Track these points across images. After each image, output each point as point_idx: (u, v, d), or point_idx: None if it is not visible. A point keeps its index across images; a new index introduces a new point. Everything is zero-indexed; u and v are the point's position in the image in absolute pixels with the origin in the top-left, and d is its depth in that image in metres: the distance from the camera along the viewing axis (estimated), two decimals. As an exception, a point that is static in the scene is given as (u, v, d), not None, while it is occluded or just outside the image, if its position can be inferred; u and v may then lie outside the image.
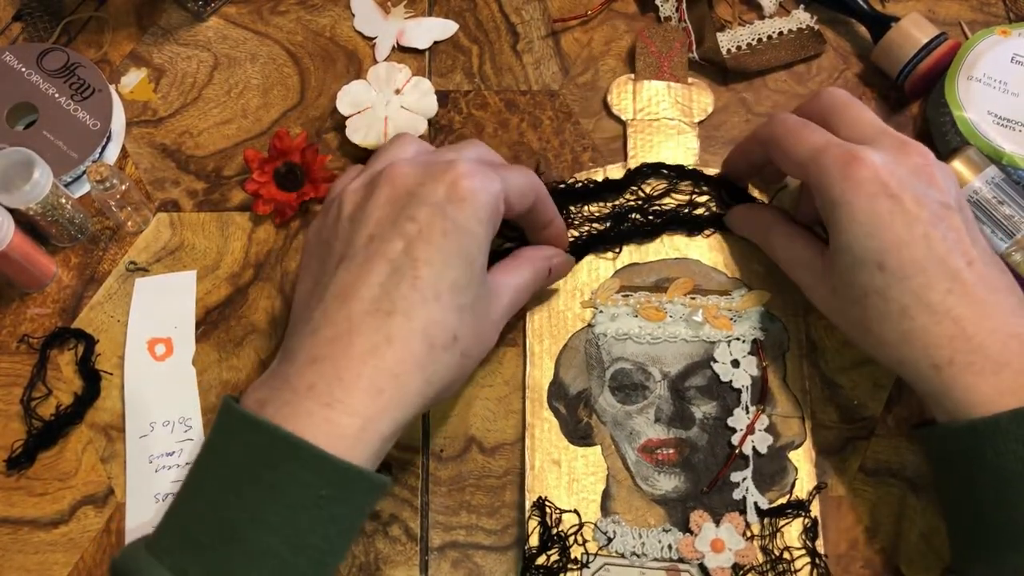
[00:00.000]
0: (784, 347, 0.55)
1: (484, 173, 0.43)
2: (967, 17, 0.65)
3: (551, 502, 0.51)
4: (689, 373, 0.54)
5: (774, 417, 0.53)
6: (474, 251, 0.42)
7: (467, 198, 0.42)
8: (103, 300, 0.58)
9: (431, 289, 0.41)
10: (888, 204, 0.43)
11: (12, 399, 0.55)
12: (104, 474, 0.54)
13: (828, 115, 0.49)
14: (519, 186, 0.46)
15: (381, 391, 0.40)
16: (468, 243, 0.42)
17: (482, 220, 0.42)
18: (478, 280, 0.43)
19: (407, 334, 0.40)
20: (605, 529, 0.51)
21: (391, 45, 0.65)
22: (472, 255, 0.42)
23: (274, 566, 0.38)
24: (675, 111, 0.61)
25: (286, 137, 0.58)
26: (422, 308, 0.41)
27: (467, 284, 0.42)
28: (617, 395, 0.54)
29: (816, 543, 0.50)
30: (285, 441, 0.38)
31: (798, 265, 0.51)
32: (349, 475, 0.39)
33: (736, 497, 0.51)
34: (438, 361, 0.41)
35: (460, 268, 0.42)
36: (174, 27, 0.66)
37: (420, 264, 0.41)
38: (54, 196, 0.55)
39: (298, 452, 0.38)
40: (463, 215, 0.42)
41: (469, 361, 0.44)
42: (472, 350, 0.43)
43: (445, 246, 0.41)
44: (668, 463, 0.52)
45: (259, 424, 0.39)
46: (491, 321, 0.45)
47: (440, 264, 0.41)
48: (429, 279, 0.41)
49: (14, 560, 0.52)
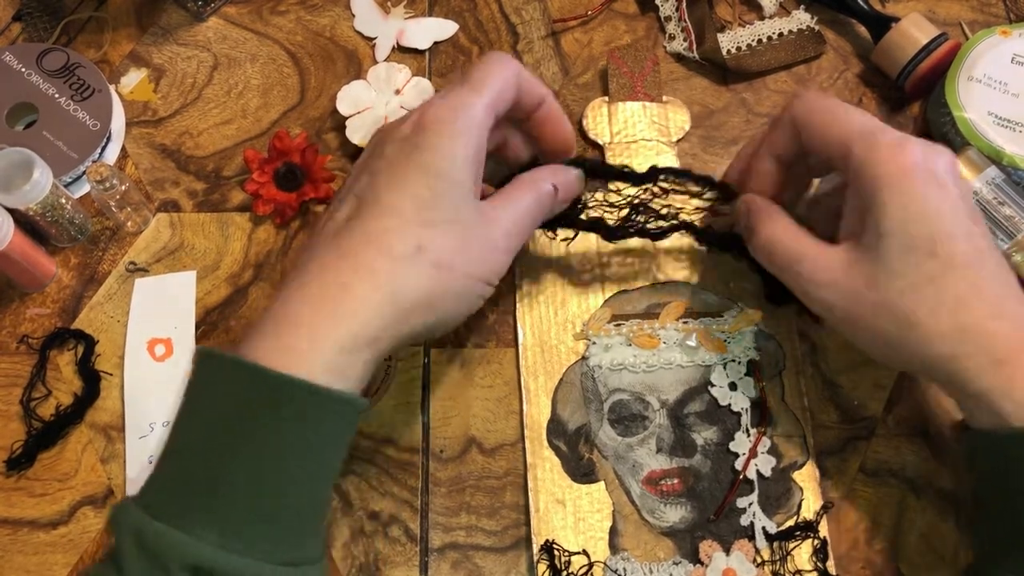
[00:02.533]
0: (780, 365, 0.54)
1: (453, 97, 0.43)
2: (967, 17, 0.65)
3: (559, 545, 0.51)
4: (687, 399, 0.54)
5: (776, 438, 0.53)
6: (443, 166, 0.41)
7: (430, 126, 0.42)
8: (103, 300, 0.58)
9: (389, 206, 0.41)
10: (938, 193, 0.41)
11: (12, 399, 0.55)
12: (104, 475, 0.54)
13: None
14: (499, 89, 0.44)
15: (326, 299, 0.39)
16: (433, 159, 0.41)
17: (451, 136, 0.41)
18: (455, 196, 0.42)
19: (358, 245, 0.40)
20: (615, 568, 0.50)
21: (391, 45, 0.65)
22: (441, 169, 0.41)
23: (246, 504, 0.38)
24: (652, 131, 0.60)
25: (286, 137, 0.58)
26: (376, 222, 0.41)
27: (436, 199, 0.41)
28: (616, 428, 0.53)
29: (827, 564, 0.50)
30: (231, 362, 0.38)
31: (807, 259, 0.45)
32: (292, 386, 0.37)
33: (744, 523, 0.51)
34: (399, 271, 0.40)
35: (423, 183, 0.41)
36: (174, 27, 0.66)
37: (380, 187, 0.41)
38: (54, 196, 0.55)
39: (237, 369, 0.38)
40: (426, 138, 0.41)
41: (454, 276, 0.42)
42: (457, 265, 0.42)
43: (406, 165, 0.41)
44: (673, 494, 0.52)
45: (209, 353, 0.40)
46: (488, 242, 0.43)
47: (400, 181, 0.41)
48: (387, 197, 0.41)
49: (14, 560, 0.52)
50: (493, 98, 0.43)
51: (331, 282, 0.39)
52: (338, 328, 0.39)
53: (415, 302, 0.40)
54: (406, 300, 0.40)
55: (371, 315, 0.39)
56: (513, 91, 0.45)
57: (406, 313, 0.40)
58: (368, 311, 0.39)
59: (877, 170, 0.42)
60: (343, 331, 0.39)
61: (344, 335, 0.39)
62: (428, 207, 0.41)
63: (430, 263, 0.41)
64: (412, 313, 0.41)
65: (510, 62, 0.46)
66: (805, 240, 0.46)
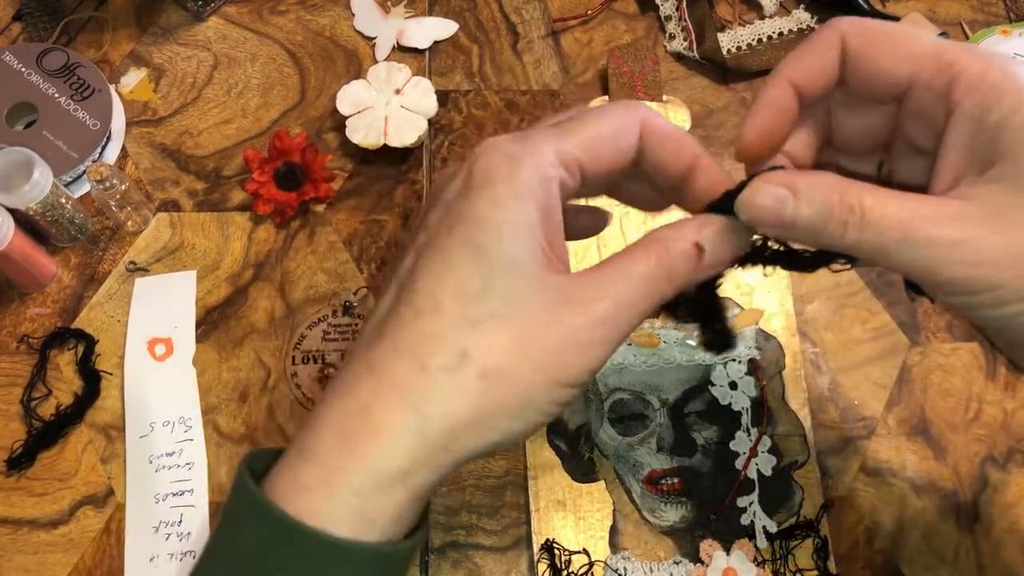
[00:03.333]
0: (780, 365, 0.54)
1: (513, 142, 0.33)
2: (968, 17, 0.65)
3: (559, 544, 0.51)
4: (687, 399, 0.54)
5: (776, 437, 0.53)
6: (491, 241, 0.31)
7: (477, 184, 0.32)
8: (103, 300, 0.58)
9: (428, 300, 0.32)
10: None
11: (12, 399, 0.55)
12: (104, 474, 0.54)
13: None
14: (593, 135, 0.33)
15: (344, 429, 0.32)
16: (478, 233, 0.32)
17: (503, 200, 0.31)
18: (511, 280, 0.32)
19: (387, 356, 0.32)
20: (616, 567, 0.50)
21: (391, 45, 0.65)
22: (488, 246, 0.31)
23: None
24: None
25: (286, 137, 0.58)
26: (412, 325, 0.32)
27: (485, 287, 0.31)
28: (617, 427, 0.53)
29: (827, 563, 0.50)
30: (250, 498, 0.33)
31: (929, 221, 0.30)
32: (303, 537, 0.31)
33: (744, 522, 0.51)
34: (434, 388, 0.31)
35: (469, 266, 0.32)
36: (174, 27, 0.66)
37: (419, 273, 0.33)
38: (54, 196, 0.55)
39: (256, 507, 0.32)
40: (470, 204, 0.32)
41: (512, 386, 0.32)
42: (515, 371, 0.31)
43: (447, 242, 0.32)
44: (673, 493, 0.52)
45: (240, 478, 0.34)
46: (568, 334, 0.32)
47: (440, 267, 0.32)
48: (425, 289, 0.32)
49: (14, 560, 0.52)
50: (575, 147, 0.33)
51: (351, 407, 0.32)
52: (355, 466, 0.31)
53: (457, 424, 0.32)
54: (444, 424, 0.32)
55: (396, 446, 0.31)
56: (618, 145, 0.34)
57: (446, 439, 0.32)
58: (392, 442, 0.31)
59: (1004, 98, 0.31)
60: (362, 469, 0.31)
61: (363, 474, 0.31)
62: (475, 299, 0.32)
63: (476, 374, 0.31)
64: (455, 438, 0.32)
65: (626, 110, 0.34)
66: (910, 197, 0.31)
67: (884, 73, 0.33)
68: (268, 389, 0.56)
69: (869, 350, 0.56)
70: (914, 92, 0.33)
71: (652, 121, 0.34)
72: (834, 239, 0.31)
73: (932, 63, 0.32)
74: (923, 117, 0.33)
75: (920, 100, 0.33)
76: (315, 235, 0.59)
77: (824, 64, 0.34)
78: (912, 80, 0.32)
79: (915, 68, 0.32)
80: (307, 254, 0.59)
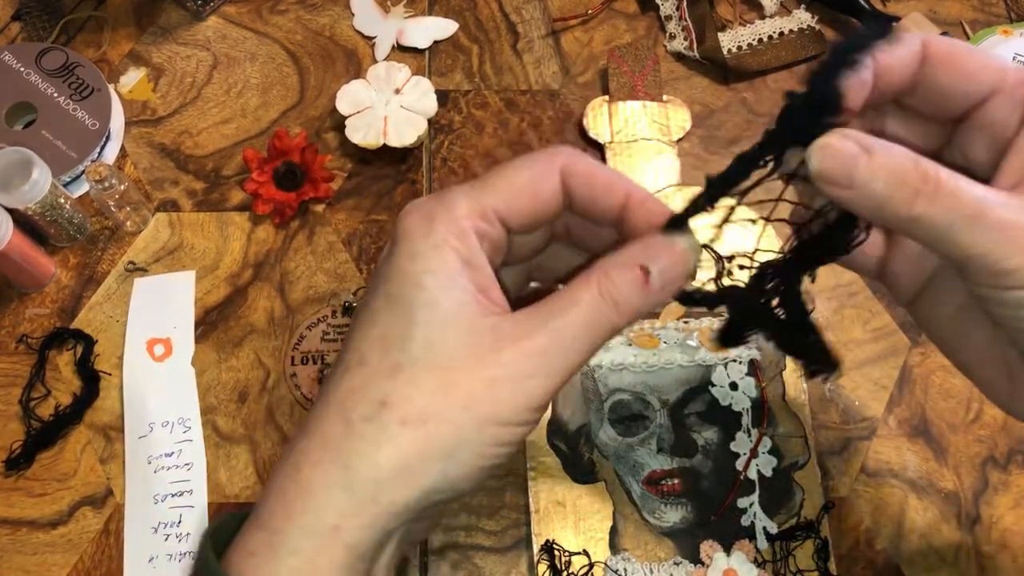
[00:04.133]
0: (781, 365, 0.54)
1: (429, 201, 0.33)
2: (968, 17, 0.65)
3: (559, 545, 0.51)
4: (688, 399, 0.53)
5: (776, 438, 0.53)
6: (411, 291, 0.31)
7: (399, 242, 0.32)
8: (102, 300, 0.58)
9: (354, 355, 0.32)
10: None
11: (11, 399, 0.55)
12: (103, 475, 0.54)
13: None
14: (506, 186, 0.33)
15: (282, 490, 0.32)
16: (398, 287, 0.32)
17: (419, 254, 0.32)
18: (432, 326, 0.31)
19: (319, 414, 0.32)
20: (616, 568, 0.50)
21: (391, 44, 0.65)
22: (407, 298, 0.32)
23: None
24: (652, 131, 0.60)
25: (285, 137, 0.58)
26: (340, 381, 0.32)
27: (406, 334, 0.31)
28: (617, 427, 0.53)
29: (828, 564, 0.50)
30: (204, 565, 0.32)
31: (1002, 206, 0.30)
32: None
33: (744, 523, 0.51)
34: (357, 437, 0.31)
35: (391, 318, 0.32)
36: (173, 26, 0.66)
37: (350, 334, 0.33)
38: (53, 196, 0.55)
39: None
40: (393, 261, 0.32)
41: (436, 431, 0.31)
42: (437, 414, 0.31)
43: (373, 302, 0.33)
44: (673, 494, 0.52)
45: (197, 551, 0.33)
46: (496, 371, 0.31)
47: (366, 324, 0.32)
48: (353, 346, 0.32)
49: (13, 561, 0.52)
50: (491, 198, 0.33)
51: (286, 468, 0.32)
52: (289, 527, 0.31)
53: (381, 475, 0.31)
54: (369, 475, 0.31)
55: (323, 502, 0.31)
56: (535, 192, 0.33)
57: (372, 490, 0.31)
58: (319, 498, 0.31)
59: None
60: (295, 529, 0.31)
61: (296, 535, 0.31)
62: (396, 347, 0.31)
63: (397, 420, 0.31)
64: (381, 489, 0.31)
65: (546, 157, 0.34)
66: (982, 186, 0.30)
67: (970, 79, 0.33)
68: (267, 389, 0.55)
69: (870, 351, 0.56)
70: (992, 101, 0.33)
71: (575, 166, 0.33)
72: (900, 209, 0.29)
73: (1015, 75, 0.33)
74: (993, 127, 0.33)
75: (997, 110, 0.33)
76: (314, 235, 0.59)
77: (908, 59, 0.33)
78: (995, 88, 0.33)
79: (999, 77, 0.33)
80: (306, 254, 0.59)
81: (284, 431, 0.54)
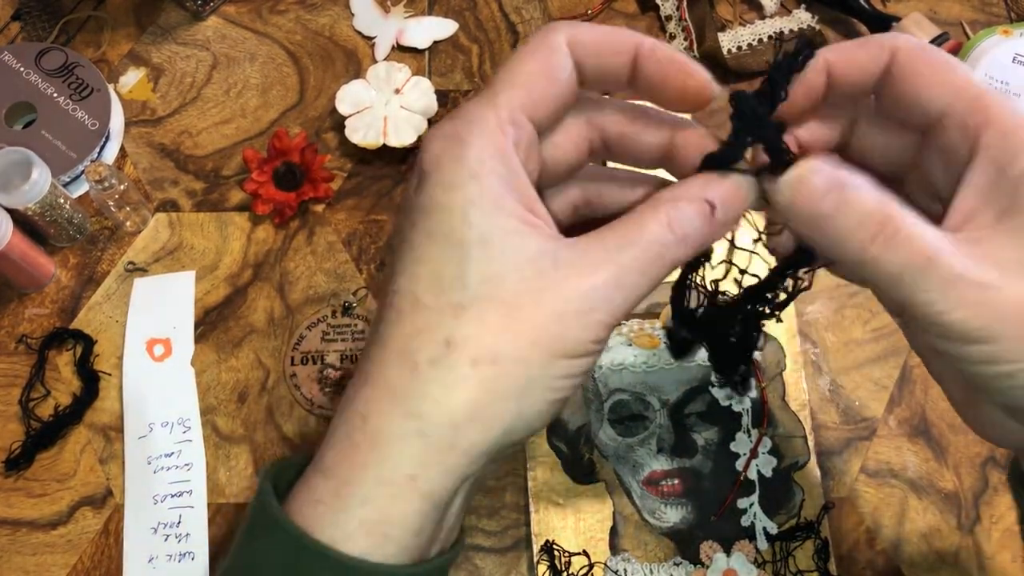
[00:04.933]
0: (781, 365, 0.54)
1: (451, 122, 0.31)
2: (968, 17, 0.65)
3: (559, 545, 0.51)
4: (688, 400, 0.53)
5: (776, 438, 0.53)
6: (457, 225, 0.30)
7: (429, 173, 0.31)
8: (102, 300, 0.58)
9: (406, 298, 0.31)
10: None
11: (11, 400, 0.55)
12: (103, 475, 0.54)
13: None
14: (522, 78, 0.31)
15: (347, 439, 0.31)
16: (439, 222, 0.30)
17: (458, 182, 0.30)
18: (486, 261, 0.30)
19: (380, 362, 0.31)
20: (616, 568, 0.50)
21: (391, 45, 0.65)
22: (456, 232, 0.30)
23: None
24: None
25: (285, 137, 0.58)
26: (397, 326, 0.31)
27: (461, 272, 0.30)
28: (617, 428, 0.53)
29: (828, 564, 0.50)
30: (265, 510, 0.32)
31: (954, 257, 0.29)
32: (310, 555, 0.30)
33: (744, 524, 0.51)
34: (426, 384, 0.30)
35: (440, 257, 0.30)
36: (173, 26, 0.66)
37: (395, 277, 0.32)
38: (52, 196, 0.55)
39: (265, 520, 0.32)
40: (428, 195, 0.31)
41: (505, 369, 0.30)
42: (507, 351, 0.30)
43: (415, 241, 0.31)
44: (674, 494, 0.52)
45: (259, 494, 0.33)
46: (561, 305, 0.30)
47: (412, 264, 0.31)
48: (402, 288, 0.31)
49: (12, 561, 0.52)
50: (512, 99, 0.31)
51: (351, 418, 0.31)
52: (361, 477, 0.30)
53: (457, 418, 0.30)
54: (443, 420, 0.30)
55: (397, 452, 0.30)
56: (556, 78, 0.32)
57: (449, 436, 0.30)
58: (393, 448, 0.30)
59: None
60: (368, 480, 0.30)
61: (369, 485, 0.30)
62: (452, 286, 0.30)
63: (467, 361, 0.30)
64: (458, 433, 0.30)
65: (544, 35, 0.32)
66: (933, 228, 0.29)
67: (922, 94, 0.32)
68: (267, 390, 0.55)
69: (870, 351, 0.56)
70: (945, 123, 0.32)
71: (578, 36, 0.32)
72: (855, 249, 0.29)
73: (970, 100, 0.31)
74: (946, 152, 0.32)
75: (948, 134, 0.31)
76: (314, 235, 0.59)
77: (868, 62, 0.32)
78: (946, 110, 0.31)
79: (952, 99, 0.31)
80: (306, 254, 0.59)
81: (284, 431, 0.54)
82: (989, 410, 0.33)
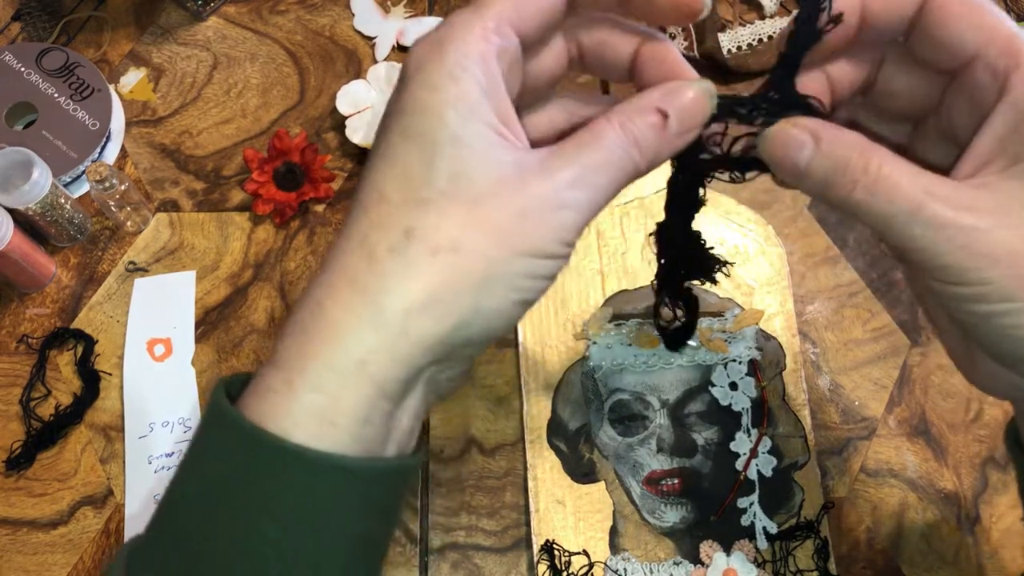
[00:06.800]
0: (781, 365, 0.54)
1: (437, 29, 0.32)
2: (968, 17, 0.65)
3: (559, 545, 0.51)
4: (687, 399, 0.53)
5: (776, 438, 0.53)
6: (431, 126, 0.30)
7: (412, 75, 0.31)
8: (102, 300, 0.58)
9: (373, 192, 0.31)
10: None
11: (11, 399, 0.55)
12: (103, 475, 0.54)
13: None
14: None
15: (302, 326, 0.31)
16: (416, 121, 0.31)
17: (436, 83, 0.30)
18: (457, 159, 0.30)
19: (340, 251, 0.31)
20: (616, 568, 0.50)
21: (391, 45, 0.65)
22: (427, 131, 0.30)
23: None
24: None
25: (286, 137, 0.58)
26: (362, 218, 0.31)
27: (429, 170, 0.30)
28: (617, 427, 0.53)
29: (828, 564, 0.50)
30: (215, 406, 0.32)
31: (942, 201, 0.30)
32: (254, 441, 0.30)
33: (744, 523, 0.51)
34: (384, 270, 0.30)
35: (412, 154, 0.31)
36: (173, 27, 0.66)
37: (369, 171, 0.32)
38: (53, 196, 0.55)
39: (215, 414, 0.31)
40: (408, 94, 0.31)
41: (467, 259, 0.30)
42: (470, 242, 0.30)
43: (390, 136, 0.31)
44: (673, 494, 0.52)
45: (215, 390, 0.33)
46: (530, 202, 0.30)
47: (383, 161, 0.31)
48: (372, 185, 0.31)
49: (13, 561, 0.52)
50: (505, 16, 0.31)
51: (308, 306, 0.31)
52: (312, 364, 0.30)
53: (411, 305, 0.30)
54: (397, 307, 0.30)
55: (349, 337, 0.30)
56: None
57: (401, 322, 0.30)
58: (345, 333, 0.30)
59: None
60: (318, 367, 0.30)
61: (319, 369, 0.30)
62: (419, 182, 0.31)
63: (426, 251, 0.30)
64: (411, 320, 0.30)
65: None
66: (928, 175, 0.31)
67: (955, 35, 0.32)
68: (268, 389, 0.55)
69: (870, 350, 0.56)
70: (975, 66, 0.32)
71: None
72: (840, 195, 0.31)
73: (1003, 43, 0.31)
74: (972, 95, 0.32)
75: (977, 76, 0.32)
76: (315, 235, 0.59)
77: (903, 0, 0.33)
78: (977, 52, 0.32)
79: (985, 41, 0.32)
80: (307, 254, 0.59)
81: (284, 431, 0.54)
82: (984, 360, 0.34)
